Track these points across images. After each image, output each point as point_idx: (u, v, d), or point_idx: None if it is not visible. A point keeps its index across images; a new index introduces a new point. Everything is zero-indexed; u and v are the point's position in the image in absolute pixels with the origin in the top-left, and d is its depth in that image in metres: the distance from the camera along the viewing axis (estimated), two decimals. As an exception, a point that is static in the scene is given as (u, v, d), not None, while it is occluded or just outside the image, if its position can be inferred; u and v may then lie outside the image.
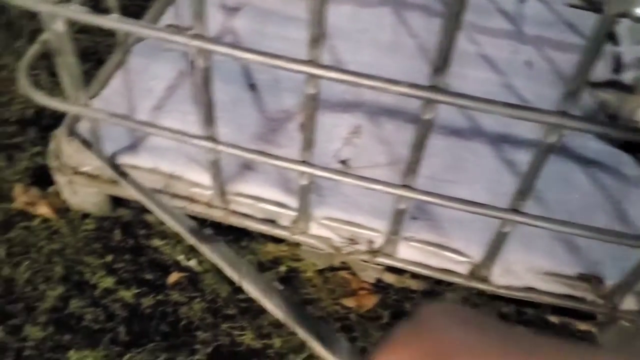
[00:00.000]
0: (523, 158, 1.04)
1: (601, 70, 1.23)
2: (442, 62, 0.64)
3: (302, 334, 0.60)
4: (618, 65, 1.26)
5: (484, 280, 0.89)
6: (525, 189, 0.73)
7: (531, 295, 0.89)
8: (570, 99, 0.65)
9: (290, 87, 1.14)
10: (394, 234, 0.88)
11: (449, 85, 1.19)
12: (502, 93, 1.18)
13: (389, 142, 1.06)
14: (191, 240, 0.88)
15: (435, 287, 0.97)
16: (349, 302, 0.97)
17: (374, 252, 0.92)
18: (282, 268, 0.99)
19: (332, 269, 1.00)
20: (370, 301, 0.97)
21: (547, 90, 1.18)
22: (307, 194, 0.86)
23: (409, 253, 0.92)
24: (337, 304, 0.96)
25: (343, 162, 1.02)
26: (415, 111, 1.07)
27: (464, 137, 1.08)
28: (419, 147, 0.73)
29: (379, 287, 0.99)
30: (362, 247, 0.92)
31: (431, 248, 0.91)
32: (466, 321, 0.28)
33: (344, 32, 1.25)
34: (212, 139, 0.82)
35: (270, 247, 1.02)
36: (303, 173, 0.82)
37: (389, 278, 0.99)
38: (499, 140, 1.08)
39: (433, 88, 0.67)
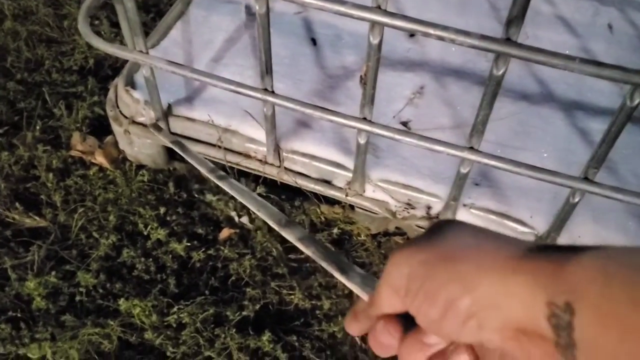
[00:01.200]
0: (597, 127, 0.97)
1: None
2: (517, 11, 0.58)
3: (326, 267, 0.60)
4: None
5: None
6: (599, 156, 0.67)
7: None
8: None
9: (352, 43, 1.10)
10: (454, 199, 0.83)
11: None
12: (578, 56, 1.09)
13: (454, 105, 1.01)
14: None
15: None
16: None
17: (432, 218, 0.88)
18: (335, 230, 0.97)
19: (386, 234, 0.97)
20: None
21: (629, 55, 1.10)
22: (364, 153, 0.83)
23: (469, 220, 0.87)
24: (390, 270, 0.93)
25: (404, 123, 0.97)
26: (484, 72, 1.01)
27: (534, 102, 1.01)
28: (487, 106, 0.68)
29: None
30: (419, 212, 0.88)
31: (493, 217, 0.86)
32: (475, 232, 0.30)
33: (410, -12, 1.19)
34: (267, 91, 0.79)
35: (324, 209, 0.99)
36: (361, 131, 0.78)
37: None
38: (572, 107, 1.01)
39: (507, 41, 0.61)
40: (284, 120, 0.94)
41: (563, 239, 0.84)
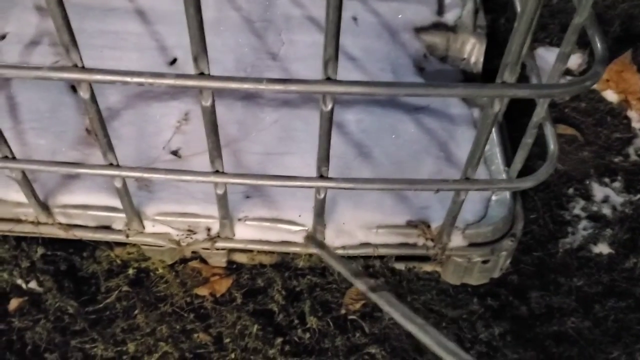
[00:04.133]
0: (350, 117, 1.06)
1: (425, 14, 1.26)
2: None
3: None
4: (441, 7, 1.29)
5: (321, 245, 0.91)
6: (322, 156, 0.74)
7: (367, 250, 0.92)
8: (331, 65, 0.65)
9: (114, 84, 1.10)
10: (224, 218, 0.87)
11: (275, 54, 1.19)
12: (331, 54, 1.18)
13: (220, 124, 1.05)
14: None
15: (285, 258, 0.99)
16: (203, 291, 0.97)
17: (213, 239, 0.92)
18: (131, 271, 0.98)
19: (184, 260, 1.00)
20: (223, 286, 0.97)
21: (374, 44, 1.20)
22: (126, 195, 0.84)
23: (246, 232, 0.92)
24: (191, 295, 0.96)
25: (174, 152, 1.00)
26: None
27: (295, 106, 1.08)
28: (211, 133, 0.72)
29: (232, 269, 0.99)
30: (201, 235, 0.92)
31: (266, 224, 0.92)
32: None
33: (167, 16, 1.22)
34: (8, 158, 0.78)
35: (118, 251, 0.99)
36: (113, 177, 0.80)
37: (240, 258, 1.00)
38: (329, 103, 1.09)
39: (201, 76, 0.65)
40: (50, 177, 0.93)
41: (330, 229, 0.91)
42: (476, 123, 1.06)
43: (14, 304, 0.93)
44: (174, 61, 1.15)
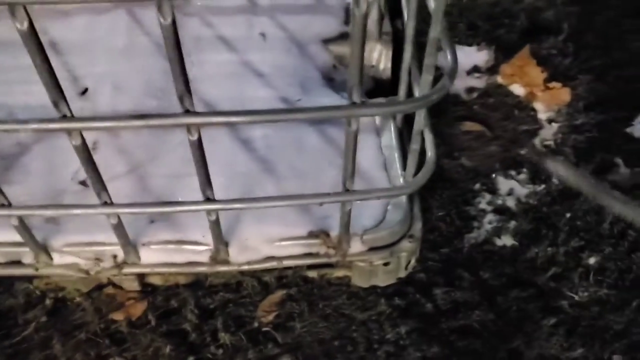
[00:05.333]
0: (258, 134, 1.09)
1: (333, 26, 1.29)
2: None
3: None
4: (348, 17, 1.33)
5: (226, 262, 0.94)
6: (203, 180, 0.77)
7: (272, 264, 0.95)
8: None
9: (27, 117, 1.12)
10: (125, 245, 0.90)
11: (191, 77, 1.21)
12: (240, 71, 1.21)
13: (127, 150, 1.07)
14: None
15: (200, 277, 1.02)
16: (118, 316, 0.99)
17: (120, 265, 0.94)
18: (48, 301, 1.00)
19: (100, 287, 1.02)
20: (138, 309, 1.00)
21: (282, 58, 1.23)
22: (25, 231, 0.87)
23: (152, 256, 0.94)
24: (107, 321, 0.99)
25: (82, 182, 1.02)
26: (152, 111, 1.08)
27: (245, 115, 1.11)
28: (90, 167, 0.75)
29: (147, 292, 1.02)
30: (108, 263, 0.94)
31: (171, 246, 0.94)
32: None
33: (77, 46, 1.24)
34: None
35: (36, 283, 1.02)
36: (10, 216, 0.83)
37: (155, 280, 1.02)
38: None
39: (64, 118, 0.68)
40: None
41: (234, 246, 0.94)
42: (379, 130, 1.10)
43: None
44: (85, 91, 1.17)
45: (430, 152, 0.86)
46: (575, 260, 1.04)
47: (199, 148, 0.73)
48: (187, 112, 0.68)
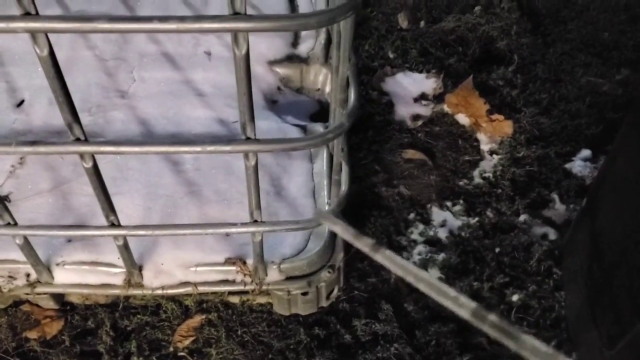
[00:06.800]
0: (189, 156, 1.08)
1: (279, 47, 1.29)
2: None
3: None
4: (296, 40, 1.32)
5: (140, 285, 0.93)
6: (105, 206, 0.76)
7: (186, 289, 0.94)
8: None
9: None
10: (35, 264, 0.89)
11: (124, 92, 1.21)
12: (181, 90, 1.20)
13: (54, 167, 1.06)
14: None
15: (120, 297, 1.00)
16: (32, 334, 0.98)
17: (33, 284, 0.93)
18: (-38, 316, 0.99)
19: (18, 304, 1.01)
20: (54, 328, 0.99)
21: (224, 78, 1.23)
22: None
23: (66, 277, 0.93)
24: (21, 339, 0.97)
25: (5, 197, 1.01)
26: (88, 127, 1.08)
27: (135, 144, 1.10)
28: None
29: (65, 310, 1.01)
30: (21, 281, 0.93)
31: (86, 267, 0.93)
32: None
33: (19, 57, 1.23)
34: None
35: (-46, 296, 1.00)
36: None
37: (74, 298, 1.01)
38: (170, 141, 1.11)
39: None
40: None
41: (148, 270, 0.93)
42: (312, 157, 1.09)
43: None
44: (21, 102, 1.17)
45: (343, 187, 0.85)
46: (499, 297, 1.03)
47: (94, 174, 0.72)
48: (78, 140, 0.67)
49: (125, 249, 0.85)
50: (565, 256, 1.07)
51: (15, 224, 0.80)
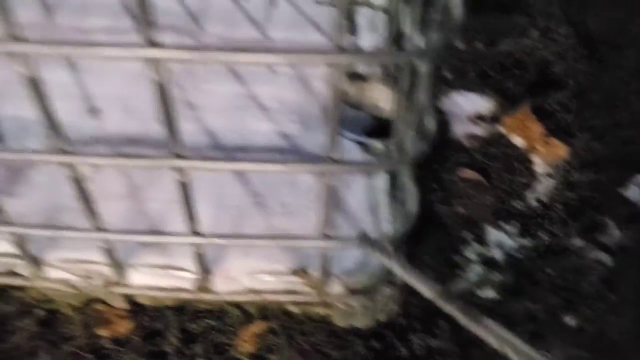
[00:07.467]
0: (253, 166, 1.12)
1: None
2: None
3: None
4: (357, 57, 1.36)
5: (210, 291, 0.97)
6: (190, 216, 0.81)
7: (254, 297, 0.98)
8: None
9: (39, 132, 1.18)
10: (115, 266, 0.94)
11: (192, 104, 1.26)
12: (247, 103, 1.25)
13: (129, 173, 1.12)
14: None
15: (186, 301, 1.05)
16: (104, 332, 1.03)
17: (109, 284, 0.98)
18: (40, 312, 1.04)
19: (90, 302, 1.06)
20: (124, 327, 1.04)
21: (288, 94, 1.27)
22: (21, 246, 0.91)
23: (141, 279, 0.99)
24: (93, 336, 1.03)
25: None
26: (159, 135, 1.14)
27: (204, 155, 1.15)
28: (82, 196, 0.79)
29: (134, 311, 1.05)
30: (98, 281, 0.98)
31: (160, 270, 0.98)
32: None
33: (95, 65, 1.30)
34: None
35: (31, 292, 1.06)
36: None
37: (143, 299, 1.06)
38: (235, 151, 1.16)
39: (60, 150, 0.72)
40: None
41: (218, 276, 0.97)
42: (371, 172, 1.13)
43: None
44: (96, 110, 1.23)
45: (411, 207, 0.88)
46: (553, 319, 1.05)
47: (186, 188, 0.77)
48: (178, 155, 0.72)
49: (201, 256, 0.90)
50: (619, 281, 1.08)
51: (103, 228, 0.85)
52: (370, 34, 1.38)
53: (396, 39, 1.15)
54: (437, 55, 0.61)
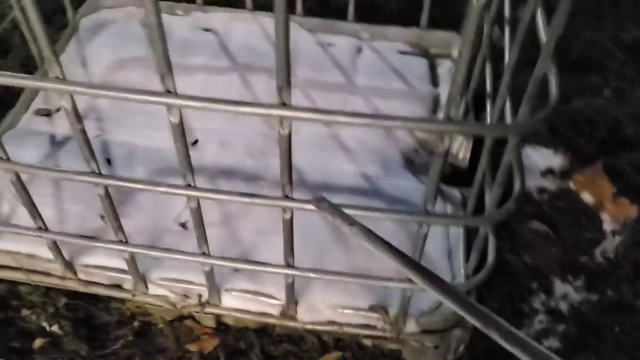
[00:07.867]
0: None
1: (419, 112, 1.42)
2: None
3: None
4: (436, 106, 1.45)
5: (293, 318, 1.06)
6: (287, 250, 0.90)
7: (333, 328, 1.06)
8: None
9: (144, 158, 1.30)
10: (212, 288, 1.04)
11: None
12: (329, 143, 1.35)
13: (224, 203, 1.23)
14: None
15: (267, 324, 1.14)
16: (193, 347, 1.13)
17: (203, 304, 1.08)
18: (136, 323, 1.15)
19: (181, 318, 1.16)
20: (211, 344, 1.13)
21: (368, 136, 1.36)
22: (132, 264, 1.02)
23: (231, 302, 1.08)
24: (183, 350, 1.12)
25: (182, 224, 1.18)
26: (249, 169, 1.23)
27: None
28: (199, 221, 0.89)
29: (220, 330, 1.15)
30: (193, 300, 1.08)
31: (249, 295, 1.07)
32: None
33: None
34: (39, 228, 0.98)
35: (129, 305, 1.17)
36: (122, 251, 0.99)
37: (228, 320, 1.16)
38: (319, 189, 1.25)
39: (189, 187, 0.83)
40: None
41: (302, 306, 1.06)
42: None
43: (37, 343, 1.11)
44: (195, 142, 1.35)
45: (490, 258, 0.95)
46: (617, 375, 1.09)
47: (290, 226, 0.86)
48: (286, 197, 0.81)
49: (291, 286, 0.99)
50: (684, 344, 1.12)
51: (209, 254, 0.95)
52: (448, 85, 1.47)
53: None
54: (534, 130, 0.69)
